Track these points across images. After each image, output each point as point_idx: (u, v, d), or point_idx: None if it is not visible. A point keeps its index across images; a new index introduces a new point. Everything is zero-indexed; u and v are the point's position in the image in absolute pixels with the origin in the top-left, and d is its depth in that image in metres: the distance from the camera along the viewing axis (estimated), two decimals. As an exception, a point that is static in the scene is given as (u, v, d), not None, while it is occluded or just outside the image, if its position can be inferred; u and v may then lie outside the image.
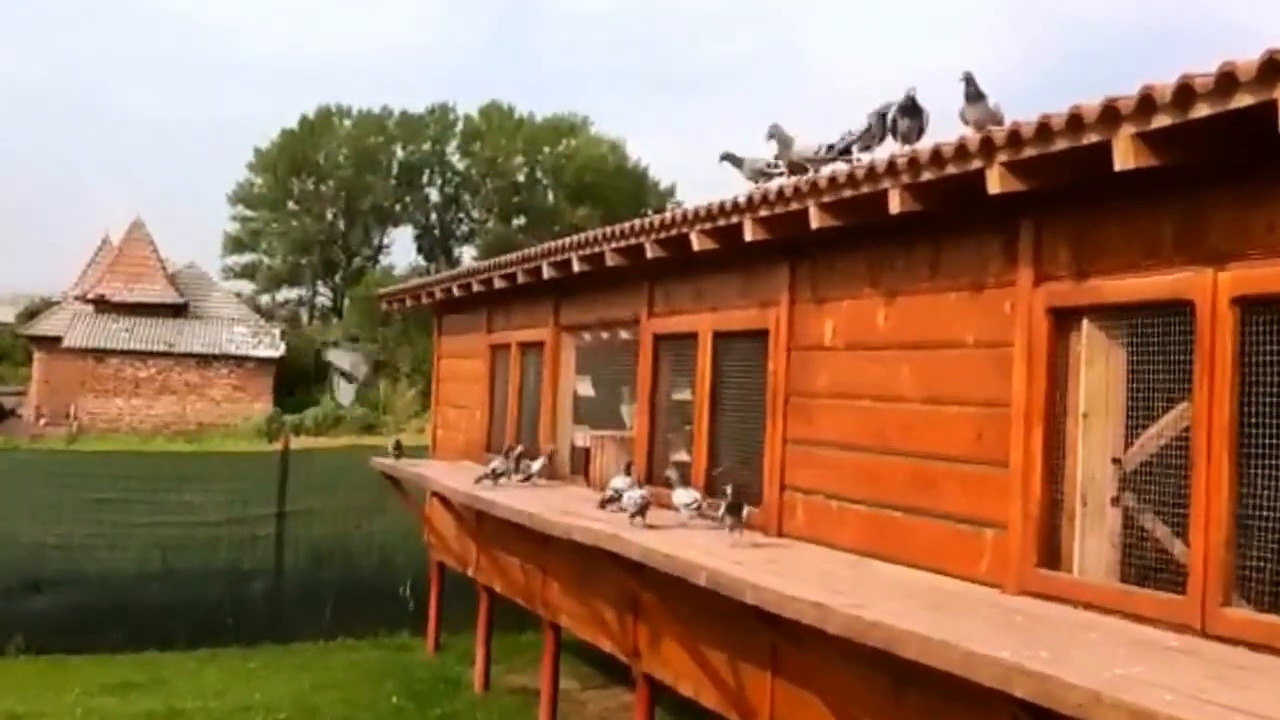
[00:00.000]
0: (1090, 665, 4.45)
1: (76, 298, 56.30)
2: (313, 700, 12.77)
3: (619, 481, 9.47)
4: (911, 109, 6.82)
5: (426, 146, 76.48)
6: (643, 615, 9.12)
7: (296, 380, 55.65)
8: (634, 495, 8.63)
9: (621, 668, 10.09)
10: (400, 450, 13.78)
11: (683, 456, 9.65)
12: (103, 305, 54.83)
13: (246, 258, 75.75)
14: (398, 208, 76.51)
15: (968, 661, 4.67)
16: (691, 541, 7.67)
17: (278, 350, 55.46)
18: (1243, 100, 4.31)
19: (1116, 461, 5.68)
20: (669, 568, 7.21)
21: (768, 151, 8.09)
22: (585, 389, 12.20)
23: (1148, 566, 5.49)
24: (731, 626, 7.54)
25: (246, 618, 15.63)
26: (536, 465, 11.08)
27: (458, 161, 77.43)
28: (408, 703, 12.57)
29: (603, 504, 9.23)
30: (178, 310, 55.97)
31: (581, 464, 11.55)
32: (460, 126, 77.20)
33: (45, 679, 13.67)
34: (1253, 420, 4.90)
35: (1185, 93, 4.52)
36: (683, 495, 8.46)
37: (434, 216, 77.54)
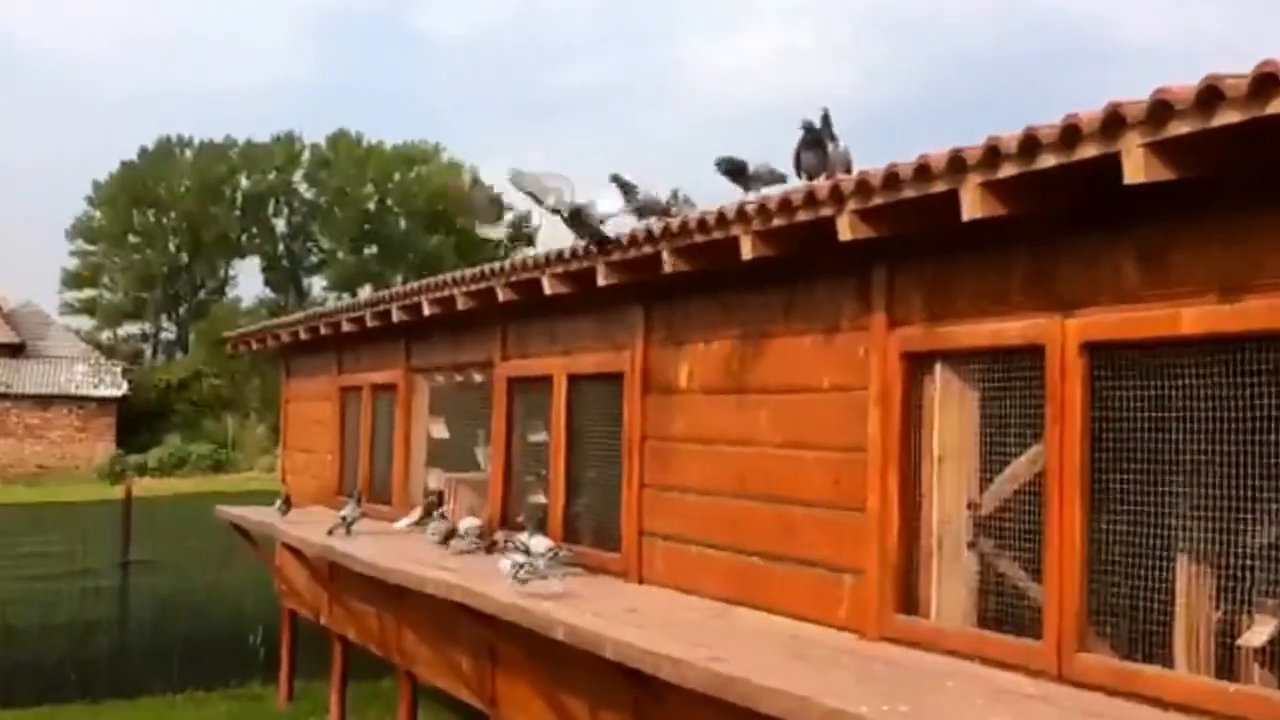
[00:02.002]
0: (949, 717, 4.50)
1: (-97, 339, 54.79)
2: (160, 761, 12.50)
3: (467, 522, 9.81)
4: (814, 141, 6.71)
5: (272, 176, 75.69)
6: (500, 664, 9.05)
7: (140, 419, 54.62)
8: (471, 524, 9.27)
9: (481, 715, 10.00)
10: (289, 505, 12.87)
11: (540, 499, 9.62)
12: (-66, 346, 53.42)
13: (86, 293, 74.30)
14: (244, 239, 75.60)
15: (829, 718, 4.70)
16: (549, 590, 7.64)
17: (120, 389, 54.41)
18: (1086, 152, 4.41)
19: (972, 506, 5.76)
20: (527, 622, 7.17)
21: (608, 198, 7.85)
22: (439, 431, 12.11)
23: (1005, 611, 5.57)
24: (592, 677, 7.50)
25: (90, 673, 15.22)
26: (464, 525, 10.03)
27: (305, 191, 76.76)
28: (260, 758, 12.36)
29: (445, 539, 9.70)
30: (14, 350, 54.69)
31: (436, 507, 11.45)
32: (307, 155, 76.55)
33: None
34: (1104, 465, 5.00)
35: (1030, 143, 4.61)
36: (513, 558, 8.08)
37: (282, 247, 76.72)
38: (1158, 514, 4.83)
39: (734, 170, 7.01)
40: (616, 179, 7.87)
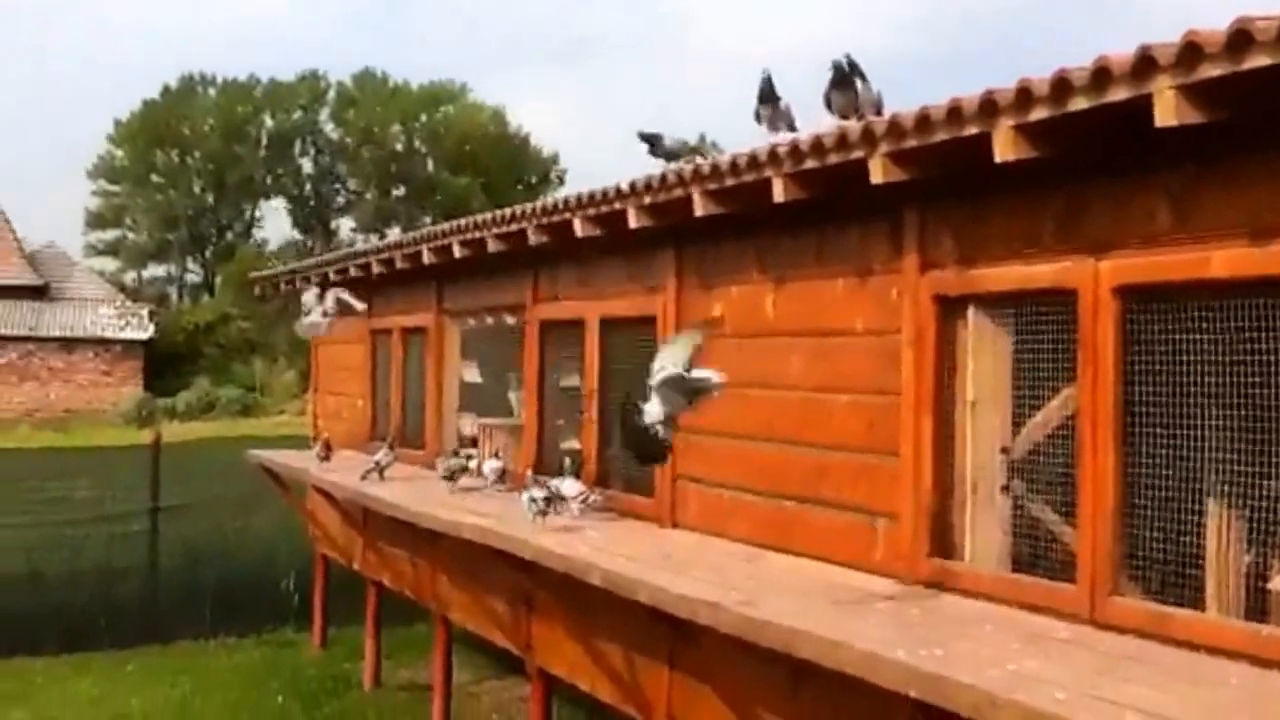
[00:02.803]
0: (984, 662, 4.63)
1: (-73, 282, 55.20)
2: (194, 705, 12.74)
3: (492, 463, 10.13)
4: (843, 81, 6.78)
5: (297, 116, 75.68)
6: (535, 608, 9.23)
7: (167, 363, 54.98)
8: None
9: (516, 659, 10.20)
10: (329, 451, 12.77)
11: (573, 444, 9.77)
12: (-44, 289, 53.80)
13: (110, 234, 74.60)
14: (269, 180, 75.69)
15: (862, 662, 4.84)
16: (582, 535, 7.80)
17: (146, 332, 54.74)
18: (1117, 94, 4.49)
19: (1005, 450, 5.87)
20: (563, 567, 7.33)
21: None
22: (472, 375, 12.27)
23: (1038, 554, 5.70)
24: (626, 622, 7.67)
25: (120, 620, 15.46)
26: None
27: (331, 131, 76.78)
28: (294, 703, 12.58)
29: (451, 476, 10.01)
30: (37, 292, 55.03)
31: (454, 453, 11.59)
32: (332, 95, 76.51)
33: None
34: (1137, 408, 5.10)
35: (1062, 86, 4.69)
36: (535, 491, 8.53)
37: (308, 188, 76.82)
38: (1189, 457, 4.93)
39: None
40: (641, 135, 7.99)
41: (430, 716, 11.24)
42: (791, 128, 7.07)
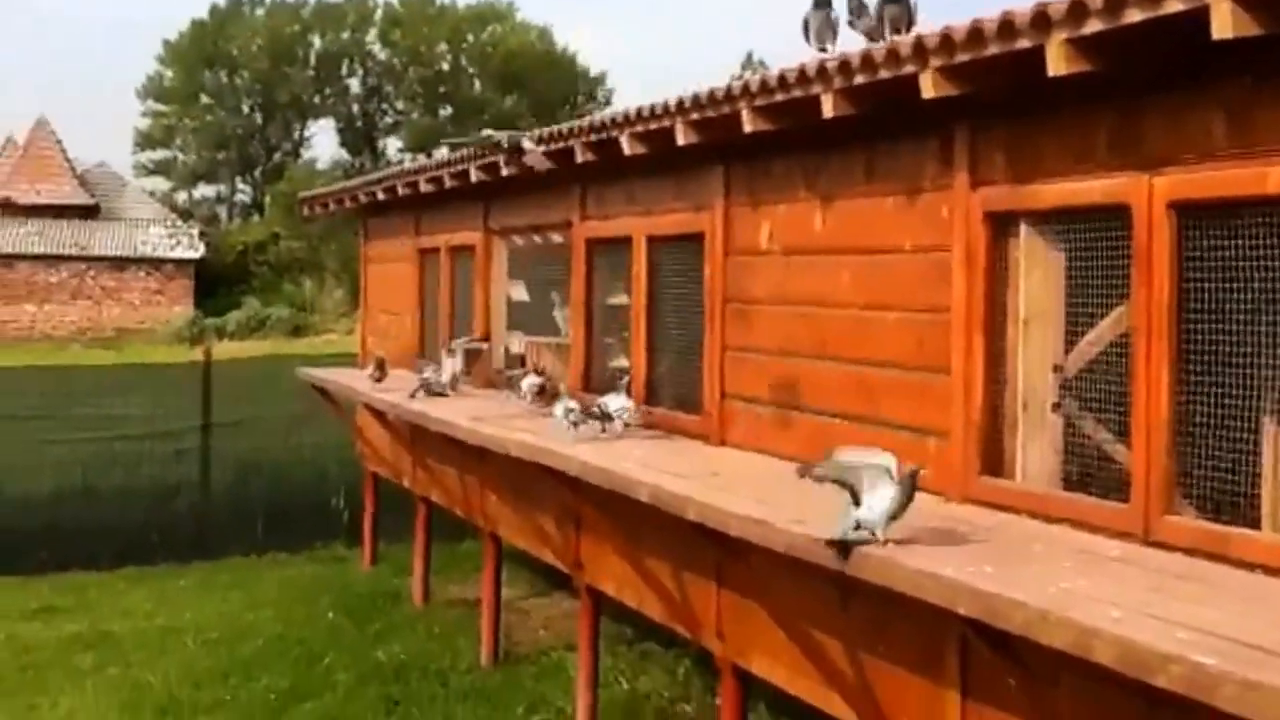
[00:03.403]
0: (1035, 579, 4.59)
1: (-22, 201, 55.53)
2: (246, 619, 12.87)
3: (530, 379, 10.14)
4: None
5: (345, 36, 75.49)
6: (584, 527, 9.25)
7: (217, 282, 55.27)
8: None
9: (565, 576, 10.24)
10: (384, 370, 12.65)
11: (622, 363, 9.75)
12: (8, 208, 54.11)
13: (160, 154, 74.82)
14: (317, 100, 75.64)
15: (912, 579, 4.81)
16: (629, 454, 7.79)
17: (196, 251, 55.04)
18: (1173, 6, 4.39)
19: (1057, 368, 5.81)
20: (609, 484, 7.32)
21: None
22: (519, 293, 12.24)
23: (1090, 473, 5.65)
24: (674, 539, 7.67)
25: (173, 535, 15.67)
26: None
27: (379, 51, 76.55)
28: (345, 619, 12.68)
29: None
30: (88, 212, 55.35)
31: (517, 370, 11.60)
32: (379, 15, 76.24)
33: (-35, 605, 13.70)
34: (1192, 324, 5.03)
35: (1117, -1, 4.59)
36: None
37: (356, 108, 76.75)
38: (1244, 375, 4.86)
39: None
40: None
41: (479, 632, 11.30)
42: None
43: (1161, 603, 4.25)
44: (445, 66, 75.47)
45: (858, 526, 5.18)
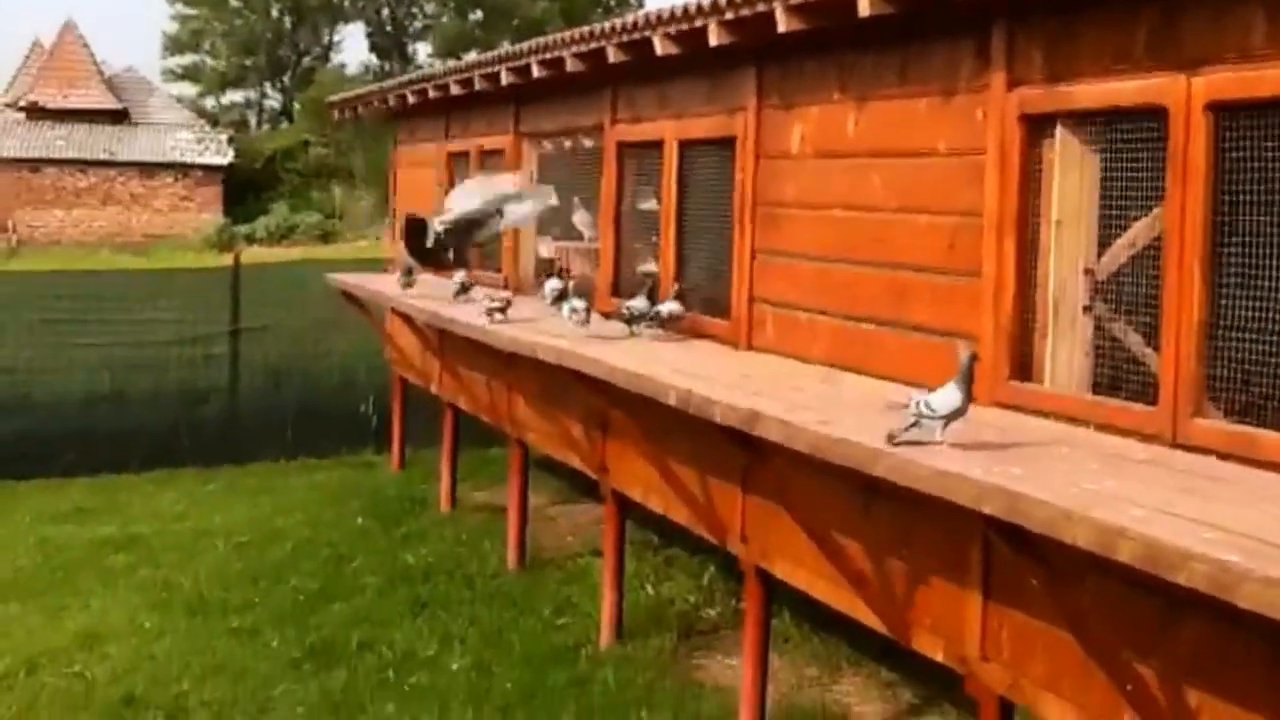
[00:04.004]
0: (1061, 480, 4.62)
1: (7, 105, 55.54)
2: (275, 522, 13.02)
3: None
4: None
5: (374, -63, 75.01)
6: (611, 431, 9.31)
7: (246, 189, 55.31)
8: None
9: (590, 483, 10.32)
10: (412, 277, 12.54)
11: (650, 268, 9.76)
12: (36, 112, 54.15)
13: (188, 59, 74.60)
14: (347, 3, 75.25)
15: (936, 480, 4.84)
16: (659, 357, 7.83)
17: (225, 157, 55.06)
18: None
19: (1089, 271, 5.81)
20: (637, 387, 7.36)
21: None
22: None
23: (1119, 377, 5.65)
24: (701, 443, 7.72)
25: (202, 440, 15.82)
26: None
27: (408, -47, 76.05)
28: (373, 522, 12.82)
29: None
30: (117, 116, 55.35)
31: (546, 275, 11.63)
32: (409, -86, 75.67)
33: (-5, 506, 13.90)
34: (1226, 228, 5.02)
35: (1160, -109, 4.55)
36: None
37: (385, 12, 76.33)
38: (1277, 279, 4.86)
39: None
40: None
41: (505, 537, 11.42)
42: None
43: (1187, 503, 4.27)
44: (475, -31, 74.94)
45: (916, 424, 5.19)
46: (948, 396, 5.17)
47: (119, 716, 8.33)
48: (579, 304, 9.05)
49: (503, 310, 9.71)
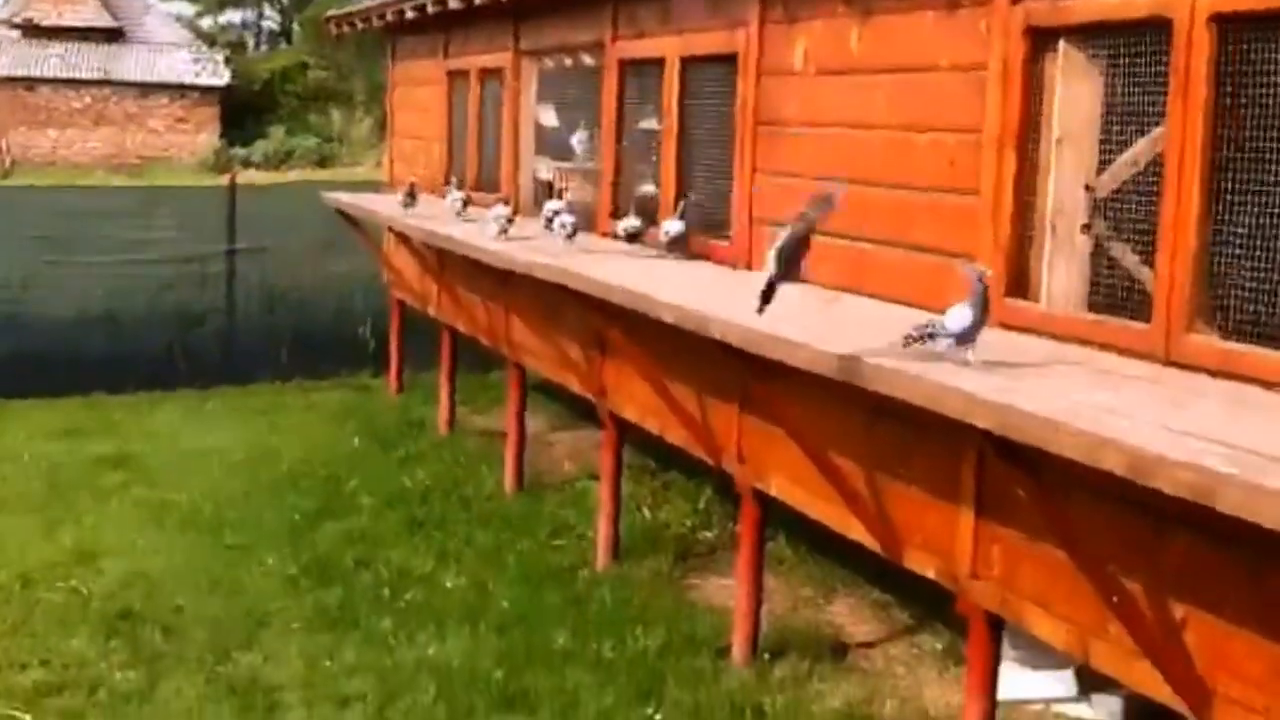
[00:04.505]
0: (1052, 395, 4.71)
1: (2, 22, 55.26)
2: (271, 443, 13.12)
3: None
4: None
5: None
6: (609, 353, 9.39)
7: (244, 111, 55.10)
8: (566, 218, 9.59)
9: (589, 408, 10.41)
10: (414, 197, 12.59)
11: (650, 189, 9.81)
12: (30, 30, 53.90)
13: (185, -23, 74.15)
14: (348, -79, 74.67)
15: (931, 393, 4.93)
16: (657, 276, 7.91)
17: (222, 79, 54.79)
18: None
19: (1088, 189, 5.87)
20: (633, 305, 7.44)
21: None
22: (548, 118, 12.27)
23: (1116, 296, 5.73)
24: (699, 363, 7.81)
25: (198, 361, 15.84)
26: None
27: None
28: (370, 444, 12.92)
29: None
30: (112, 35, 55.05)
31: (544, 197, 11.68)
32: None
33: (-12, 424, 13.99)
34: (1226, 145, 5.08)
35: None
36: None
37: (387, -69, 75.74)
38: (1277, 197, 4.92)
39: None
40: None
41: (503, 461, 11.52)
42: None
43: (1175, 416, 4.36)
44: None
45: (932, 336, 5.29)
46: (958, 315, 5.25)
47: (115, 630, 8.41)
48: (567, 219, 9.36)
49: (506, 226, 9.93)
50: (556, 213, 9.80)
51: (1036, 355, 5.54)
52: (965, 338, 5.22)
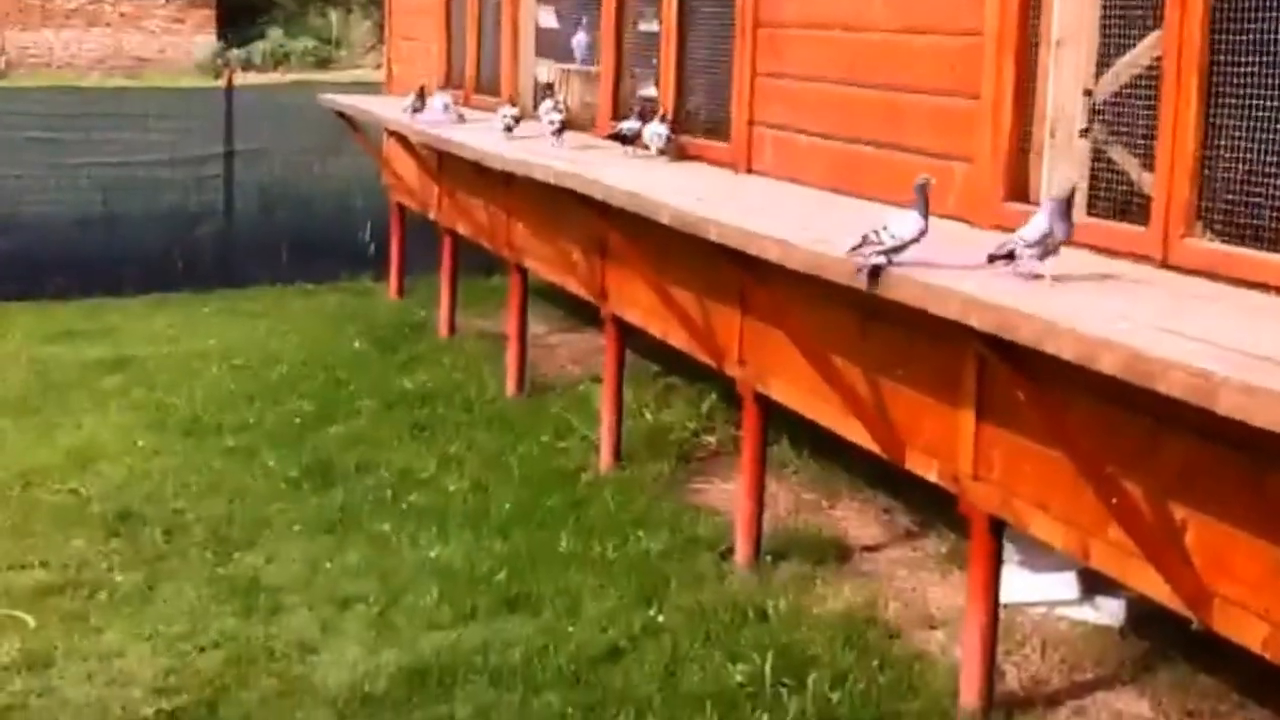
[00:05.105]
0: (1050, 296, 4.76)
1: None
2: (270, 345, 13.13)
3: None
4: None
5: None
6: (611, 256, 9.42)
7: (240, 11, 54.63)
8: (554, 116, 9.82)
9: (590, 312, 10.44)
10: (424, 100, 12.21)
11: (650, 92, 9.80)
12: (23, -75, 53.38)
13: None
14: None
15: (927, 294, 4.98)
16: (656, 178, 7.94)
17: (219, -23, 54.27)
18: None
19: (1088, 93, 5.88)
20: (634, 206, 7.47)
21: None
22: (548, 19, 12.22)
23: (1114, 200, 5.76)
24: (699, 265, 7.85)
25: (197, 264, 15.81)
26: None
27: None
28: (370, 347, 12.92)
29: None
30: (105, -68, 54.51)
31: (542, 99, 11.64)
32: None
33: (-14, 326, 14.02)
34: (1226, 49, 5.08)
35: None
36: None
37: None
38: (1276, 103, 4.93)
39: None
40: None
41: (504, 364, 11.56)
42: None
43: (1173, 318, 4.42)
44: None
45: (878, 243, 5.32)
46: (906, 222, 5.30)
47: (116, 532, 8.48)
48: (555, 116, 9.67)
49: (513, 124, 10.23)
50: (546, 112, 9.90)
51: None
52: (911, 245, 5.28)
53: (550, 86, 11.78)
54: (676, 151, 8.85)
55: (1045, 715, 6.18)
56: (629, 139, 9.03)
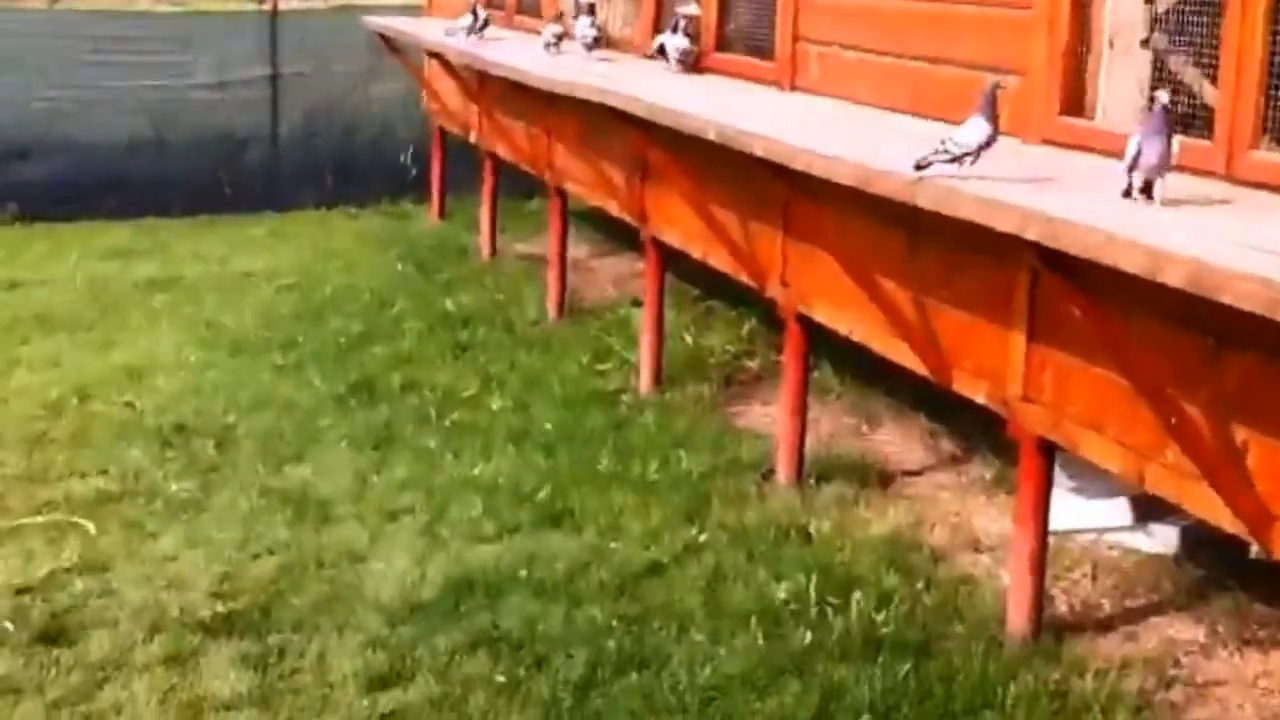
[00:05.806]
0: (1109, 208, 4.51)
1: None
2: (316, 267, 13.00)
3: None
4: None
5: None
6: (651, 176, 9.17)
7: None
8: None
9: (631, 235, 10.21)
10: (485, 23, 11.81)
11: (691, 9, 9.52)
12: None
13: None
14: None
15: (981, 207, 4.73)
16: (699, 96, 7.69)
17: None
18: None
19: (1148, 0, 5.60)
20: (677, 124, 7.22)
21: None
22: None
23: (1175, 111, 5.47)
24: (742, 184, 7.60)
25: (243, 186, 15.72)
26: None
27: None
28: (413, 269, 12.77)
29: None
30: None
31: (578, 15, 11.36)
32: None
33: (41, 246, 13.93)
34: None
35: None
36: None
37: None
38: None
39: None
40: None
41: (545, 286, 11.37)
42: None
43: (1238, 230, 4.17)
44: None
45: (945, 156, 5.06)
46: (974, 129, 5.04)
47: (169, 443, 8.43)
48: (590, 32, 9.75)
49: (555, 42, 10.18)
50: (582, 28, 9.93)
51: (1091, 172, 5.31)
52: (983, 150, 5.01)
53: (592, 6, 11.49)
54: (693, 63, 8.64)
55: (1096, 640, 5.95)
56: (658, 54, 8.83)
